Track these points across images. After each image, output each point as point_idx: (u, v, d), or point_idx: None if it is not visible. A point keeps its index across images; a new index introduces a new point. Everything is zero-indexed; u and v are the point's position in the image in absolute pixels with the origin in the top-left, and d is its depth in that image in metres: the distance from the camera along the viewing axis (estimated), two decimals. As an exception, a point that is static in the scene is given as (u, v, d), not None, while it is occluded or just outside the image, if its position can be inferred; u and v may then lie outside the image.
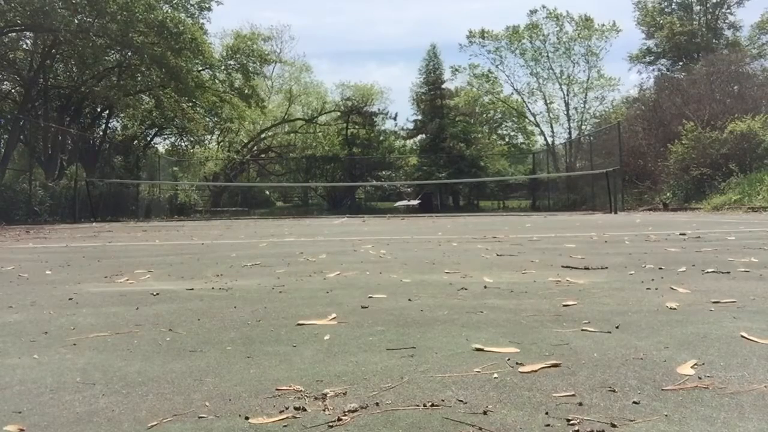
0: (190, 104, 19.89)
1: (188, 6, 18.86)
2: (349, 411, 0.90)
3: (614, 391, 0.98)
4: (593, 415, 0.87)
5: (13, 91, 18.70)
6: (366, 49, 68.80)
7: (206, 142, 27.35)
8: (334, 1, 63.22)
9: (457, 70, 33.47)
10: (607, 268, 2.66)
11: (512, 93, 33.74)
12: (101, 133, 21.53)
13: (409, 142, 36.92)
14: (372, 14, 63.95)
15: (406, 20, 65.53)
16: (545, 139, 32.65)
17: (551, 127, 32.41)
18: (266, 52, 25.04)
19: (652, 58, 32.13)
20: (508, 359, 1.18)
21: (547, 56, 31.76)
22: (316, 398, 0.97)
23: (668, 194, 16.73)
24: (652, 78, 28.66)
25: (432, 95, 32.85)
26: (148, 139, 24.78)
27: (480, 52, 32.83)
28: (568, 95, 31.85)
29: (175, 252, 4.22)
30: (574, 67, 31.60)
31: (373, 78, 73.41)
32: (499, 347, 1.27)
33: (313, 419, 0.88)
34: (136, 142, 23.20)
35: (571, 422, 0.84)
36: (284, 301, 1.94)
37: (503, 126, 37.41)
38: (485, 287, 2.15)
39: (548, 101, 32.35)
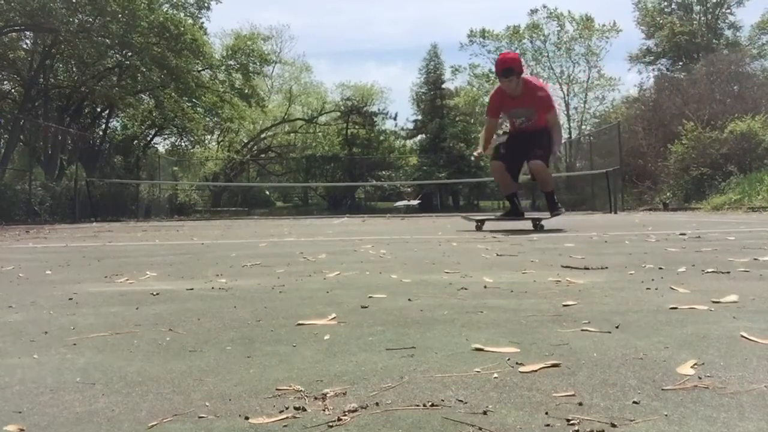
0: (190, 104, 19.89)
1: (187, 5, 18.85)
2: (349, 411, 0.90)
3: (614, 391, 0.98)
4: (593, 415, 0.87)
5: (13, 91, 18.71)
6: (365, 48, 68.86)
7: (206, 142, 27.34)
8: (333, 0, 63.25)
9: (457, 69, 33.56)
10: (607, 268, 2.66)
11: (512, 93, 33.71)
12: (101, 133, 21.54)
13: (409, 142, 36.94)
14: (371, 14, 64.01)
15: (405, 20, 65.60)
16: (545, 139, 32.61)
17: (551, 127, 32.39)
18: (266, 53, 25.05)
19: (652, 58, 32.14)
20: (508, 359, 1.18)
21: (548, 56, 31.77)
22: (316, 398, 0.97)
23: (668, 194, 16.74)
24: (652, 78, 28.68)
25: (432, 95, 32.87)
26: (148, 139, 24.78)
27: (480, 52, 32.88)
28: (568, 95, 31.88)
29: (175, 252, 4.22)
30: (574, 67, 31.64)
31: (372, 78, 73.48)
32: (499, 347, 1.27)
33: (313, 419, 0.88)
34: (136, 142, 23.21)
35: (571, 422, 0.84)
36: (284, 301, 1.94)
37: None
38: (485, 287, 2.15)
39: (548, 101, 32.31)
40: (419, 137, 34.91)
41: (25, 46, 17.66)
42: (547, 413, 0.88)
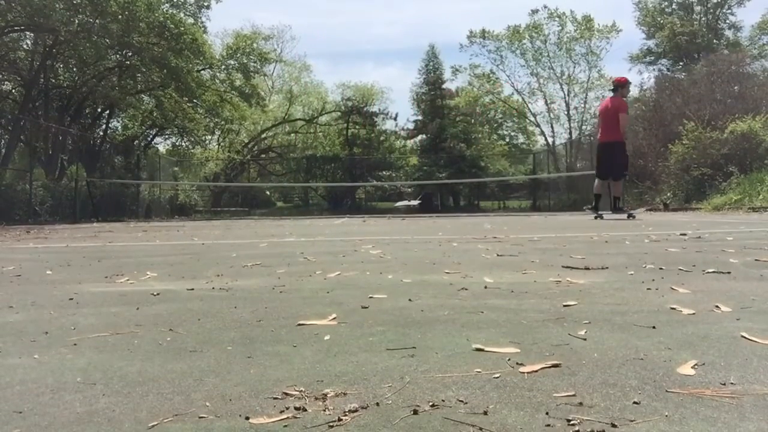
0: (191, 104, 19.88)
1: (188, 5, 18.84)
2: (349, 411, 0.90)
3: (615, 391, 0.98)
4: (593, 415, 0.87)
5: (13, 91, 18.71)
6: (363, 49, 68.85)
7: (207, 142, 27.32)
8: (331, 1, 63.29)
9: (457, 70, 33.49)
10: (607, 268, 2.66)
11: (513, 93, 33.74)
12: (102, 133, 21.53)
13: (410, 143, 36.88)
14: (369, 15, 64.02)
15: (403, 21, 65.64)
16: (545, 139, 32.66)
17: (552, 127, 32.42)
18: (266, 51, 25.01)
19: (652, 58, 32.13)
20: (509, 359, 1.18)
21: (548, 56, 31.73)
22: (316, 398, 0.97)
23: (669, 194, 16.71)
24: (652, 78, 28.64)
25: (432, 95, 32.81)
26: (149, 139, 24.78)
27: (480, 52, 32.82)
28: (568, 95, 31.83)
29: (175, 252, 4.22)
30: (574, 67, 31.58)
31: (370, 78, 73.36)
32: (500, 347, 1.27)
33: (314, 419, 0.88)
34: (136, 142, 23.19)
35: (572, 422, 0.84)
36: (284, 301, 1.94)
37: (504, 126, 37.41)
38: (486, 287, 2.15)
39: (549, 101, 32.33)
40: (419, 137, 34.87)
41: (25, 46, 17.67)
42: (547, 413, 0.88)
